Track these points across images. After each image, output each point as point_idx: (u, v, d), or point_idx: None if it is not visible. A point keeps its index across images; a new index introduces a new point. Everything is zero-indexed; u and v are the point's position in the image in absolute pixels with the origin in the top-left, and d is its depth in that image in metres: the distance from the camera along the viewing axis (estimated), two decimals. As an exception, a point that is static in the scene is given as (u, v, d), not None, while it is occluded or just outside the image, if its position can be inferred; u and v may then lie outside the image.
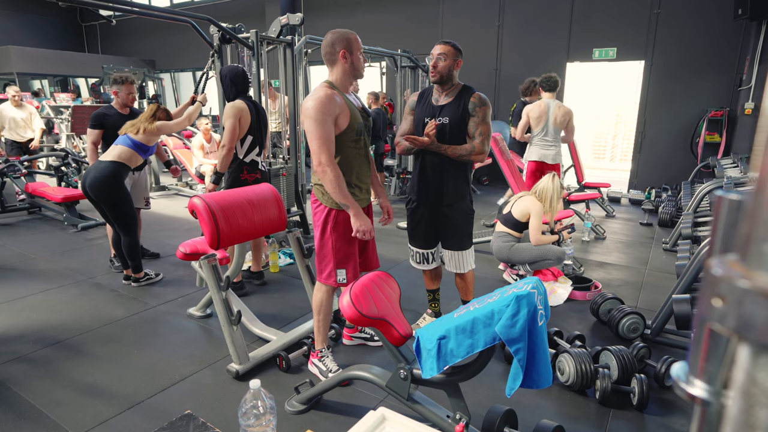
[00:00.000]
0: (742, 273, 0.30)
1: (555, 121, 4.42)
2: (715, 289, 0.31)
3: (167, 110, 3.58)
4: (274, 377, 2.44)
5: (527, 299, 1.54)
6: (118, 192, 3.38)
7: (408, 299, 3.28)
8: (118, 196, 3.38)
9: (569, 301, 3.38)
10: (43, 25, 14.33)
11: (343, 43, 2.16)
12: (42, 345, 2.73)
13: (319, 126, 2.06)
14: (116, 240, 3.58)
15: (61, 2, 3.11)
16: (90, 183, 3.31)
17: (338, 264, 2.28)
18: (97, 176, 3.30)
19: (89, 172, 3.35)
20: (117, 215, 3.42)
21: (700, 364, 0.39)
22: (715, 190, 4.54)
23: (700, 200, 4.59)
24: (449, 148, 2.50)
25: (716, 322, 0.32)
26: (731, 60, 6.56)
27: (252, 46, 4.21)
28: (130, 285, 3.62)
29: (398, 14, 9.26)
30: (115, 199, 3.38)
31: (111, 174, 3.33)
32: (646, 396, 2.14)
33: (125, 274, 3.66)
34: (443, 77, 2.51)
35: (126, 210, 3.44)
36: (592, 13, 7.43)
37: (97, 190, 3.32)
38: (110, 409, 2.17)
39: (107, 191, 3.34)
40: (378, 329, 1.88)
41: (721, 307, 0.31)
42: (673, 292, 2.64)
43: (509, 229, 3.52)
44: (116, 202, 3.38)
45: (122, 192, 3.41)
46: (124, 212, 3.42)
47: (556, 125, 4.44)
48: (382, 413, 1.51)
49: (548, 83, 4.43)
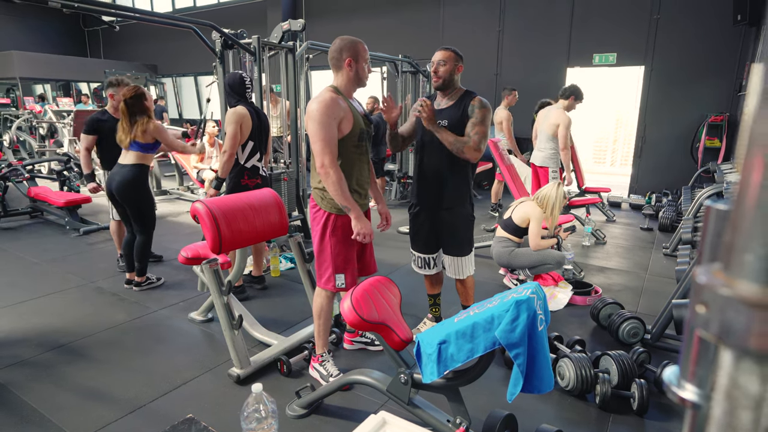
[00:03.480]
0: (725, 281, 0.32)
1: (545, 127, 4.73)
2: (700, 297, 0.33)
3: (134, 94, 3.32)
4: (275, 381, 2.45)
5: (527, 304, 1.56)
6: (143, 193, 3.50)
7: (408, 304, 3.29)
8: (143, 197, 3.50)
9: (569, 305, 3.39)
10: (46, 30, 14.43)
11: (350, 51, 2.18)
12: (44, 349, 2.74)
13: (322, 128, 2.08)
14: (128, 241, 3.64)
15: (64, 8, 3.14)
16: (116, 186, 3.42)
17: (337, 269, 2.29)
18: (123, 180, 3.40)
19: (114, 176, 3.43)
20: (139, 215, 3.52)
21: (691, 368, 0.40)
22: (715, 195, 4.55)
23: (701, 205, 4.60)
24: (445, 132, 2.45)
25: (701, 328, 0.33)
26: (731, 65, 6.58)
27: (254, 51, 4.24)
28: (131, 289, 3.63)
29: (399, 19, 9.31)
30: (140, 200, 3.49)
31: (135, 176, 3.43)
32: (646, 401, 2.14)
33: (127, 278, 3.69)
34: (445, 82, 2.53)
35: (148, 210, 3.55)
36: (592, 19, 7.47)
37: (123, 193, 3.42)
38: (112, 413, 2.18)
39: (133, 193, 3.44)
40: (379, 334, 1.89)
41: (705, 314, 0.33)
42: (673, 297, 2.65)
43: (509, 234, 3.53)
44: (140, 203, 3.49)
45: (147, 193, 3.54)
46: (146, 213, 3.54)
47: (546, 131, 4.73)
48: (382, 417, 1.52)
49: (561, 90, 4.73)
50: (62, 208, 5.29)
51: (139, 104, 3.35)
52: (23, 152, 9.29)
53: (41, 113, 9.57)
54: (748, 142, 0.33)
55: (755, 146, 0.32)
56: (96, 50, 15.48)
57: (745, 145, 0.33)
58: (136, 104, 3.33)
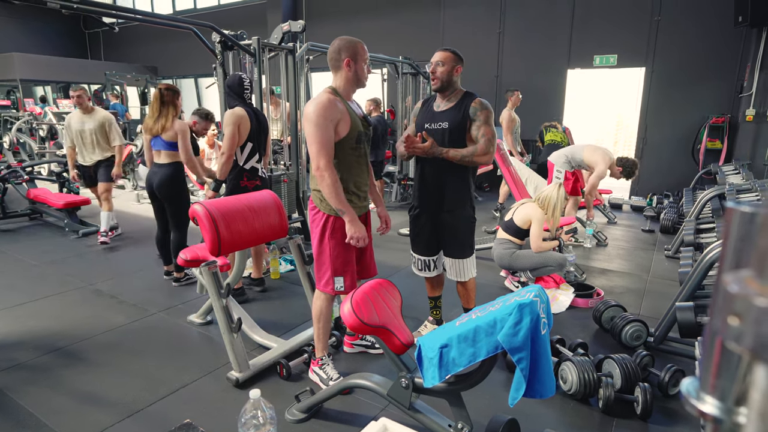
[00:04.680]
0: (760, 291, 0.29)
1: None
2: (731, 307, 0.30)
3: (170, 87, 3.57)
4: (275, 385, 2.42)
5: (530, 308, 1.53)
6: (182, 190, 3.66)
7: (409, 307, 3.26)
8: (182, 194, 3.66)
9: (571, 308, 3.36)
10: (47, 32, 14.43)
11: (349, 51, 2.16)
12: (41, 352, 2.72)
13: (319, 130, 2.06)
14: (159, 238, 3.81)
15: (63, 9, 3.12)
16: (157, 185, 3.57)
17: (336, 272, 2.27)
18: (163, 178, 3.55)
19: (154, 176, 3.59)
20: (177, 212, 3.65)
21: (712, 380, 0.38)
22: (717, 197, 4.53)
23: (702, 207, 4.57)
24: (451, 151, 2.45)
25: (732, 341, 0.31)
26: (732, 67, 6.57)
27: (254, 53, 4.22)
28: (170, 282, 3.80)
29: (399, 21, 9.30)
30: (180, 196, 3.64)
31: (173, 173, 3.58)
32: (649, 405, 2.12)
33: (165, 270, 3.88)
34: (443, 83, 2.51)
35: (184, 207, 3.64)
36: (592, 20, 7.46)
37: (164, 191, 3.57)
38: (109, 417, 2.15)
39: (174, 189, 3.59)
40: (379, 337, 1.86)
41: (738, 326, 0.30)
42: (676, 299, 2.62)
43: (510, 236, 3.51)
44: (179, 200, 3.64)
45: (185, 190, 3.70)
46: (183, 209, 3.63)
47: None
48: (383, 423, 1.50)
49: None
50: (62, 210, 5.26)
51: (172, 97, 3.53)
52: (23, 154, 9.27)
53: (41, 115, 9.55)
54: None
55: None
56: (96, 52, 15.48)
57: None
58: (169, 95, 3.51)
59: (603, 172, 4.69)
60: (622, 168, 4.70)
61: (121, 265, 4.26)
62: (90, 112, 4.58)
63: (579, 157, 4.78)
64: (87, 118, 4.56)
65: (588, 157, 4.74)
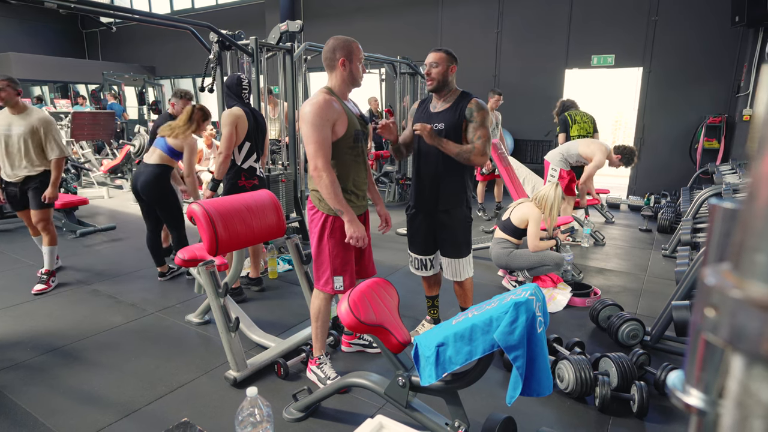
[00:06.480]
0: (735, 283, 0.30)
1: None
2: (708, 299, 0.31)
3: (203, 109, 3.60)
4: (272, 384, 2.43)
5: (526, 306, 1.54)
6: (166, 191, 3.59)
7: (407, 306, 3.27)
8: (166, 195, 3.60)
9: (568, 307, 3.37)
10: (44, 31, 14.40)
11: (343, 50, 2.16)
12: (39, 352, 2.72)
13: (315, 131, 2.07)
14: (149, 239, 3.79)
15: (60, 8, 3.12)
16: (142, 186, 3.53)
17: (335, 271, 2.27)
18: (148, 179, 3.51)
19: (139, 176, 3.56)
20: (167, 214, 3.65)
21: (696, 373, 0.39)
22: (714, 196, 4.55)
23: (699, 206, 4.59)
24: (450, 144, 2.44)
25: (709, 332, 0.32)
26: (729, 67, 6.59)
27: (252, 52, 4.22)
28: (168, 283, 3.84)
29: (397, 21, 9.31)
30: (166, 198, 3.60)
31: (158, 175, 3.53)
32: (646, 403, 2.13)
33: (159, 271, 3.90)
34: (439, 84, 2.51)
35: (174, 206, 3.65)
36: (590, 20, 7.47)
37: (148, 192, 3.53)
38: (107, 416, 2.15)
39: (158, 192, 3.55)
40: (376, 336, 1.87)
41: (714, 317, 0.31)
42: (673, 298, 2.63)
43: (508, 236, 3.52)
44: (166, 202, 3.60)
45: (170, 190, 3.63)
46: (172, 209, 3.65)
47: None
48: (379, 421, 1.50)
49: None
50: (59, 209, 5.25)
51: (199, 116, 3.55)
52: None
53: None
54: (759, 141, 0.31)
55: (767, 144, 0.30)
56: (94, 52, 15.45)
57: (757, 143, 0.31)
58: (198, 114, 3.54)
59: (601, 161, 4.64)
60: (621, 155, 4.68)
61: (118, 265, 4.26)
62: (21, 111, 3.43)
63: (575, 152, 4.76)
64: (16, 120, 3.42)
65: (584, 150, 4.71)
